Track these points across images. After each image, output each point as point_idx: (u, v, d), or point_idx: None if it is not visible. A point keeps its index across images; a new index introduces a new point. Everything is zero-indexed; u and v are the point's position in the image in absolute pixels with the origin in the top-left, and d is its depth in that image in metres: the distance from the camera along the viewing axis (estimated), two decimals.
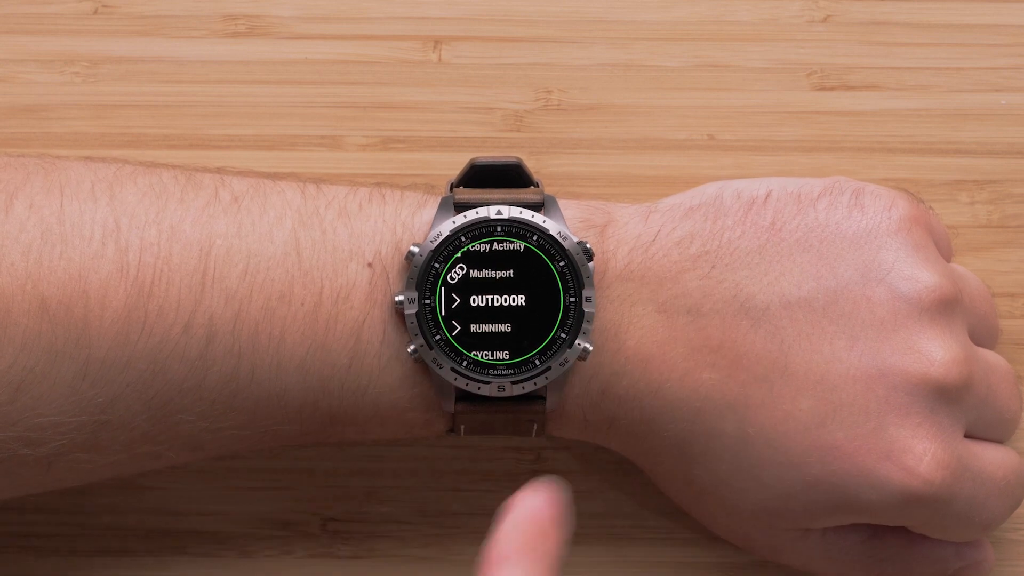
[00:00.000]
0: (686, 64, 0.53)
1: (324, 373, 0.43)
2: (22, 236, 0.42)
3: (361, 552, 0.50)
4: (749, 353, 0.44)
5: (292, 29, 0.53)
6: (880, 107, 0.53)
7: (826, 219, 0.45)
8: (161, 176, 0.44)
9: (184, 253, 0.43)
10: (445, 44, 0.53)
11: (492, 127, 0.52)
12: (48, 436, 0.42)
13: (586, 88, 0.53)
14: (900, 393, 0.44)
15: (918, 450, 0.44)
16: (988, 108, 0.53)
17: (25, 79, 0.52)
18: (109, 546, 0.50)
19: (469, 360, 0.44)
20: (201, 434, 0.44)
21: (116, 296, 0.42)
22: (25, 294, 0.41)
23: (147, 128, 0.52)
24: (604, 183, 0.52)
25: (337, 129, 0.52)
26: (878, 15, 0.53)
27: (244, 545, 0.50)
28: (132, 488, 0.50)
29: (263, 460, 0.50)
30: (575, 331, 0.44)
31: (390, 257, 0.44)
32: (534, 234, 0.44)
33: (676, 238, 0.45)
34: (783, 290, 0.45)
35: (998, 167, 0.52)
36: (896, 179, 0.52)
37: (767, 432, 0.44)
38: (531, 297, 0.44)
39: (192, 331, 0.42)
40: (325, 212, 0.44)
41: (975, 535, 0.47)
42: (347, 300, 0.43)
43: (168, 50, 0.52)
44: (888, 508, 0.44)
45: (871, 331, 0.44)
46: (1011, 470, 0.46)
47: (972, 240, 0.52)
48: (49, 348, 0.41)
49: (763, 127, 0.52)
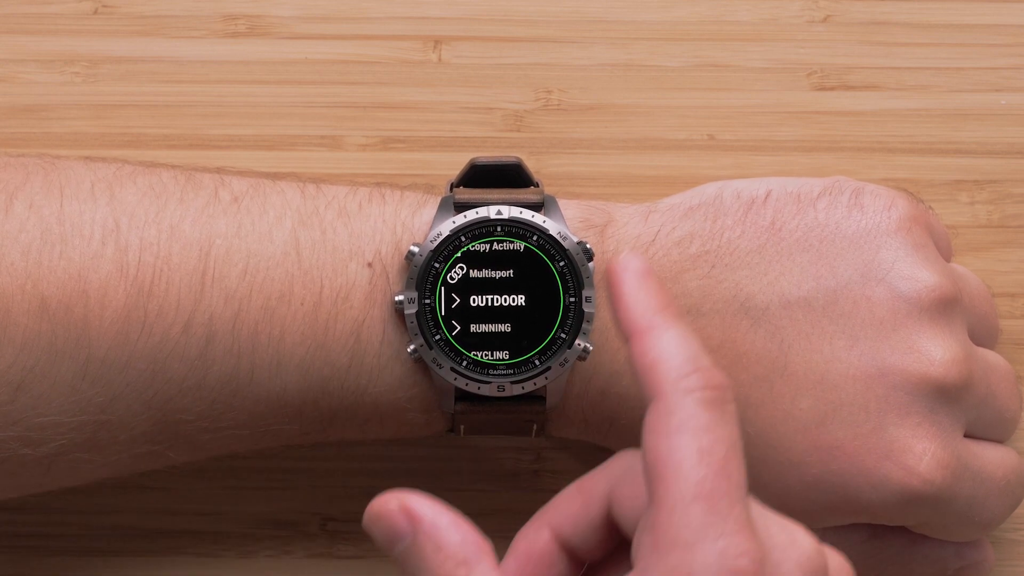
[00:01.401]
0: (686, 64, 0.53)
1: (324, 373, 0.43)
2: (22, 236, 0.42)
3: (361, 552, 0.50)
4: (749, 353, 0.44)
5: (292, 29, 0.53)
6: (880, 107, 0.53)
7: (826, 219, 0.45)
8: (161, 176, 0.44)
9: (184, 253, 0.43)
10: (445, 44, 0.53)
11: (492, 127, 0.52)
12: (48, 436, 0.42)
13: (586, 88, 0.53)
14: (900, 393, 0.44)
15: (918, 450, 0.44)
16: (988, 108, 0.53)
17: (25, 79, 0.52)
18: (109, 546, 0.50)
19: (469, 360, 0.44)
20: (201, 434, 0.44)
21: (116, 296, 0.42)
22: (25, 294, 0.41)
23: (147, 128, 0.52)
24: (604, 183, 0.52)
25: (337, 129, 0.52)
26: (878, 15, 0.53)
27: (243, 545, 0.50)
28: (132, 488, 0.50)
29: (263, 460, 0.50)
30: (575, 331, 0.44)
31: (390, 257, 0.44)
32: (534, 234, 0.44)
33: (676, 238, 0.45)
34: (783, 290, 0.45)
35: (998, 167, 0.52)
36: (896, 179, 0.52)
37: (767, 432, 0.44)
38: (531, 297, 0.44)
39: (192, 331, 0.42)
40: (325, 212, 0.44)
41: (975, 535, 0.47)
42: (347, 300, 0.43)
43: (168, 50, 0.52)
44: (888, 508, 0.44)
45: (871, 331, 0.44)
46: (1011, 470, 0.46)
47: (972, 240, 0.52)
48: (49, 348, 0.41)
49: (763, 127, 0.52)
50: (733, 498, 0.38)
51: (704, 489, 0.38)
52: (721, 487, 0.38)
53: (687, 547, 0.38)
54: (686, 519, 0.38)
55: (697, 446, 0.38)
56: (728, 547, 0.38)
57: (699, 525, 0.38)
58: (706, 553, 0.37)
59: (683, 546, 0.38)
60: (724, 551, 0.38)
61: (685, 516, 0.38)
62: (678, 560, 0.38)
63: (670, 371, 0.39)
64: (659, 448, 0.38)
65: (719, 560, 0.38)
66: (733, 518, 0.38)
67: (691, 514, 0.38)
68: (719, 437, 0.39)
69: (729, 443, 0.39)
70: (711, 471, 0.38)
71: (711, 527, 0.38)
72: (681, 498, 0.38)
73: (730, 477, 0.38)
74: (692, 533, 0.38)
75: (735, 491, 0.38)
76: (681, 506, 0.38)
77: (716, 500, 0.38)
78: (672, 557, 0.38)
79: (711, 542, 0.38)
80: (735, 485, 0.39)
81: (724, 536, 0.38)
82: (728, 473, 0.39)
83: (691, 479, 0.38)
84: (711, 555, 0.37)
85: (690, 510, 0.38)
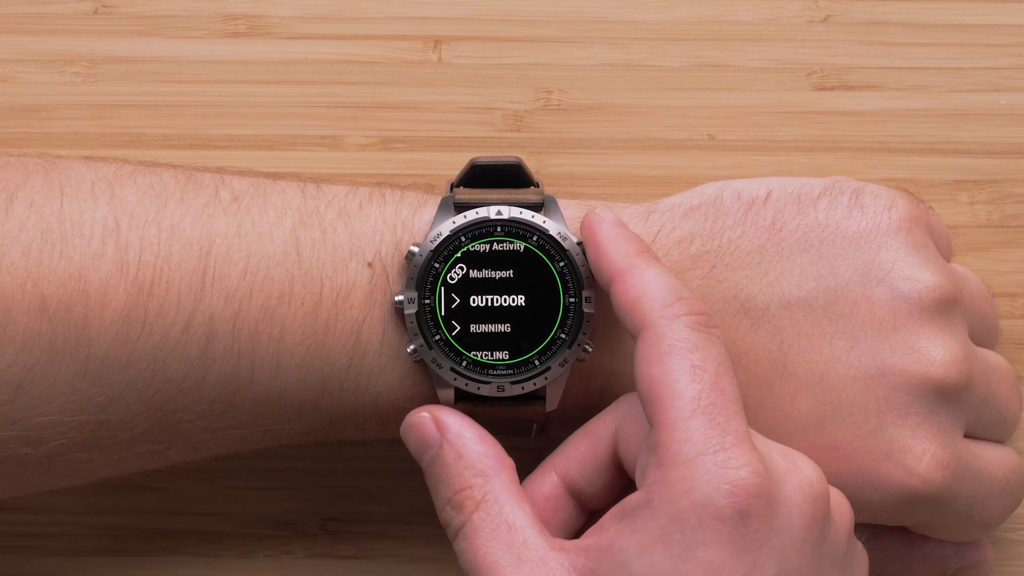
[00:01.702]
0: (686, 64, 0.53)
1: (324, 373, 0.43)
2: (22, 235, 0.42)
3: (361, 552, 0.50)
4: (748, 353, 0.44)
5: (292, 29, 0.53)
6: (880, 107, 0.53)
7: (826, 219, 0.45)
8: (161, 175, 0.44)
9: (184, 252, 0.43)
10: (445, 44, 0.53)
11: (492, 127, 0.52)
12: (48, 435, 0.42)
13: (586, 88, 0.53)
14: (900, 393, 0.44)
15: (918, 450, 0.44)
16: (988, 108, 0.53)
17: (25, 79, 0.52)
18: (109, 546, 0.50)
19: (469, 360, 0.44)
20: (201, 433, 0.44)
21: (116, 295, 0.42)
22: (25, 293, 0.41)
23: (147, 128, 0.52)
24: (604, 183, 0.52)
25: (337, 129, 0.52)
26: (878, 15, 0.53)
27: (243, 545, 0.50)
28: (132, 488, 0.50)
29: (263, 460, 0.50)
30: (575, 331, 0.44)
31: (390, 257, 0.44)
32: (534, 234, 0.44)
33: (676, 238, 0.45)
34: (783, 290, 0.45)
35: (998, 167, 0.52)
36: (896, 179, 0.52)
37: (766, 432, 0.44)
38: (531, 297, 0.44)
39: (192, 330, 0.42)
40: (325, 212, 0.44)
41: (975, 535, 0.47)
42: (347, 300, 0.43)
43: (168, 50, 0.52)
44: (888, 508, 0.44)
45: (871, 331, 0.44)
46: (1011, 470, 0.46)
47: (972, 240, 0.52)
48: (49, 347, 0.41)
49: (763, 127, 0.52)
50: (730, 411, 0.39)
51: (701, 404, 0.39)
52: (717, 401, 0.39)
53: (688, 462, 0.39)
54: (687, 434, 0.39)
55: (689, 364, 0.40)
56: (728, 459, 0.39)
57: (699, 439, 0.39)
58: (707, 466, 0.39)
59: (684, 462, 0.39)
60: (725, 463, 0.39)
61: (686, 432, 0.39)
62: (680, 475, 0.39)
63: (655, 301, 0.41)
64: (652, 373, 0.40)
65: (720, 472, 0.39)
66: (732, 431, 0.39)
67: (691, 428, 0.39)
68: (709, 355, 0.40)
69: (719, 360, 0.40)
70: (705, 386, 0.39)
71: (711, 440, 0.39)
72: (679, 415, 0.39)
73: (724, 391, 0.40)
74: (692, 448, 0.39)
75: (731, 404, 0.40)
76: (681, 422, 0.39)
77: (714, 414, 0.39)
78: (675, 473, 0.39)
79: (711, 455, 0.39)
80: (730, 399, 0.40)
81: (724, 449, 0.39)
82: (722, 387, 0.40)
83: (687, 395, 0.39)
84: (712, 467, 0.38)
85: (690, 425, 0.39)
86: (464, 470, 0.42)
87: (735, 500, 0.38)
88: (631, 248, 0.43)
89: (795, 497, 0.40)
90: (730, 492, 0.38)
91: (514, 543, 0.41)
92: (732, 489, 0.38)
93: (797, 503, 0.39)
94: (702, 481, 0.38)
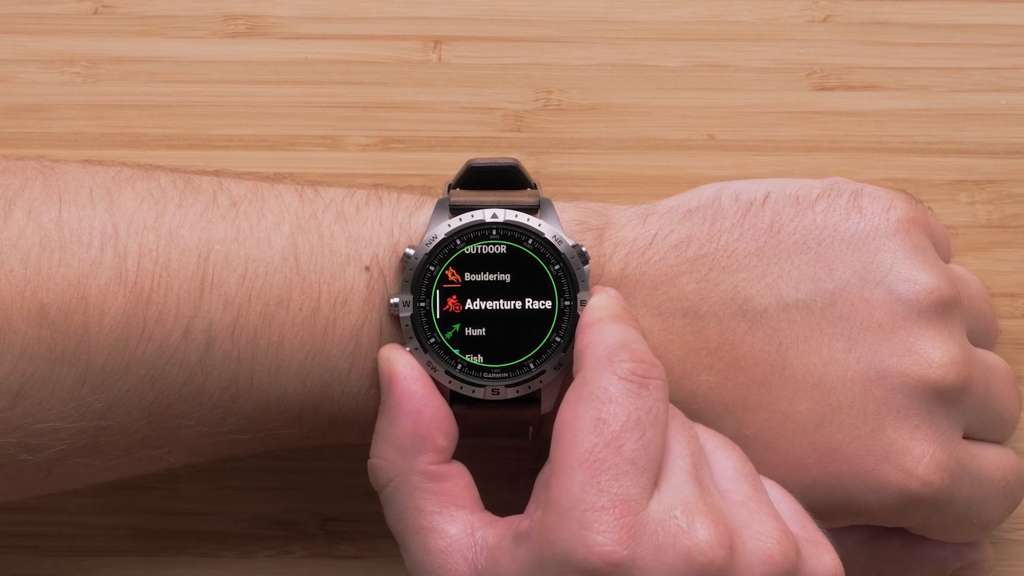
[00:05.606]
0: (686, 64, 0.53)
1: (324, 378, 0.43)
2: (21, 243, 0.42)
3: (361, 552, 0.51)
4: (747, 355, 0.44)
5: (292, 29, 0.53)
6: (880, 107, 0.52)
7: (824, 221, 0.45)
8: (159, 180, 0.44)
9: (183, 258, 0.43)
10: (445, 44, 0.53)
11: (492, 127, 0.52)
12: (48, 441, 0.42)
13: (586, 88, 0.52)
14: (898, 395, 0.44)
15: (916, 452, 0.44)
16: (988, 108, 0.52)
17: (25, 79, 0.52)
18: (109, 546, 0.50)
19: (463, 364, 0.44)
20: (200, 439, 0.44)
21: (115, 302, 0.42)
22: (24, 301, 0.41)
23: (147, 128, 0.52)
24: (604, 183, 0.52)
25: (337, 129, 0.52)
26: (878, 15, 0.53)
27: (243, 545, 0.51)
28: (132, 488, 0.50)
29: (263, 460, 0.50)
30: (569, 334, 0.44)
31: (387, 260, 0.44)
32: (529, 237, 0.44)
33: (673, 241, 0.45)
34: (781, 292, 0.45)
35: (998, 167, 0.52)
36: (896, 179, 0.52)
37: (765, 434, 0.44)
38: (526, 300, 0.44)
39: (191, 336, 0.42)
40: (323, 216, 0.44)
41: (974, 536, 0.47)
42: (345, 304, 0.43)
43: (168, 50, 0.52)
44: (887, 510, 0.44)
45: (869, 333, 0.44)
46: (1010, 471, 0.46)
47: (972, 240, 0.52)
48: (48, 354, 0.41)
49: (763, 127, 0.52)
50: (618, 471, 0.39)
51: (590, 458, 0.39)
52: (607, 459, 0.39)
53: (561, 512, 0.39)
54: (568, 484, 0.39)
55: (596, 416, 0.39)
56: (593, 521, 0.38)
57: (576, 493, 0.39)
58: (573, 522, 0.38)
59: (558, 510, 0.39)
60: (588, 524, 0.38)
61: (568, 481, 0.39)
62: (552, 523, 0.39)
63: (600, 350, 0.41)
64: (565, 414, 0.40)
65: (580, 532, 0.38)
66: (610, 494, 0.38)
67: (573, 480, 0.39)
68: (624, 410, 0.39)
69: (633, 417, 0.40)
70: (602, 441, 0.39)
71: (585, 496, 0.38)
72: (569, 463, 0.39)
73: (620, 450, 0.39)
74: (568, 499, 0.39)
75: (622, 464, 0.39)
76: (568, 471, 0.39)
77: (597, 472, 0.39)
78: (550, 518, 0.39)
79: (579, 512, 0.38)
80: (626, 459, 0.39)
81: (592, 511, 0.38)
82: (619, 445, 0.39)
83: (582, 446, 0.39)
84: (576, 526, 0.38)
85: (574, 476, 0.39)
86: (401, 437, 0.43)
87: (588, 564, 0.38)
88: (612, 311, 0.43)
89: (665, 569, 0.39)
90: (583, 556, 0.38)
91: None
92: (586, 553, 0.38)
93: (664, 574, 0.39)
94: (566, 535, 0.38)
